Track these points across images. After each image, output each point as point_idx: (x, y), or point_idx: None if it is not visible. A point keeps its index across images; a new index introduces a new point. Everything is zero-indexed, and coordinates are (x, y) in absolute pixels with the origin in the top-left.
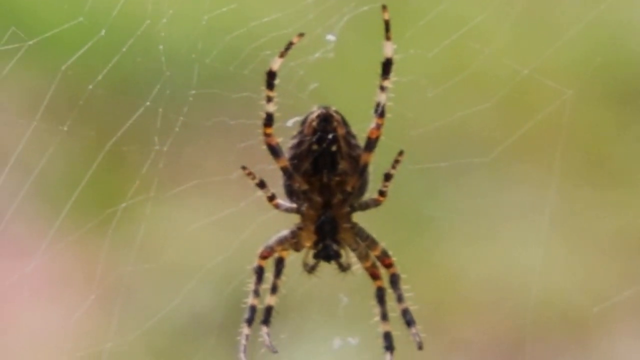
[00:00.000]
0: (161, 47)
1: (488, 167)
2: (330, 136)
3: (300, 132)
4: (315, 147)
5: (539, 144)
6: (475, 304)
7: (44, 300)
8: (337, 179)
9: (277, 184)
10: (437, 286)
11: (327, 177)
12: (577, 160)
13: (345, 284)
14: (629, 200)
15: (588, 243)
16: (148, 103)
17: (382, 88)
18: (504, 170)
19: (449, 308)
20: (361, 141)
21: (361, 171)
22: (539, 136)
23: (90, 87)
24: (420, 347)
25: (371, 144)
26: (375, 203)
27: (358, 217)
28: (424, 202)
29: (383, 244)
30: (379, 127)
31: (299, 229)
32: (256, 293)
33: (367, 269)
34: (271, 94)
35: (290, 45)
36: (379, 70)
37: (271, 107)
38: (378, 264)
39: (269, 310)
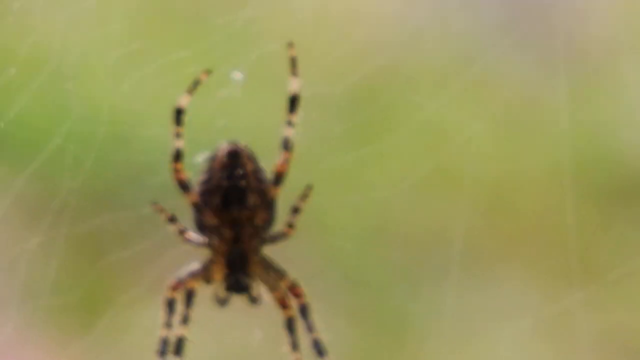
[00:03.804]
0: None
1: (471, 268)
2: (239, 171)
3: (210, 168)
4: (224, 182)
5: (522, 244)
6: None
7: None
8: (247, 213)
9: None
10: None
11: (236, 212)
12: (560, 259)
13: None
14: (613, 300)
15: (572, 345)
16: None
17: (289, 123)
18: (487, 271)
19: None
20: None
21: (270, 205)
22: (521, 236)
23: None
24: None
25: (279, 178)
26: (284, 236)
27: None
28: (407, 304)
29: (292, 276)
30: (286, 161)
31: (210, 262)
32: (168, 325)
33: (277, 299)
34: (180, 130)
35: (197, 82)
36: (286, 105)
37: (180, 143)
38: (288, 294)
39: (181, 340)
